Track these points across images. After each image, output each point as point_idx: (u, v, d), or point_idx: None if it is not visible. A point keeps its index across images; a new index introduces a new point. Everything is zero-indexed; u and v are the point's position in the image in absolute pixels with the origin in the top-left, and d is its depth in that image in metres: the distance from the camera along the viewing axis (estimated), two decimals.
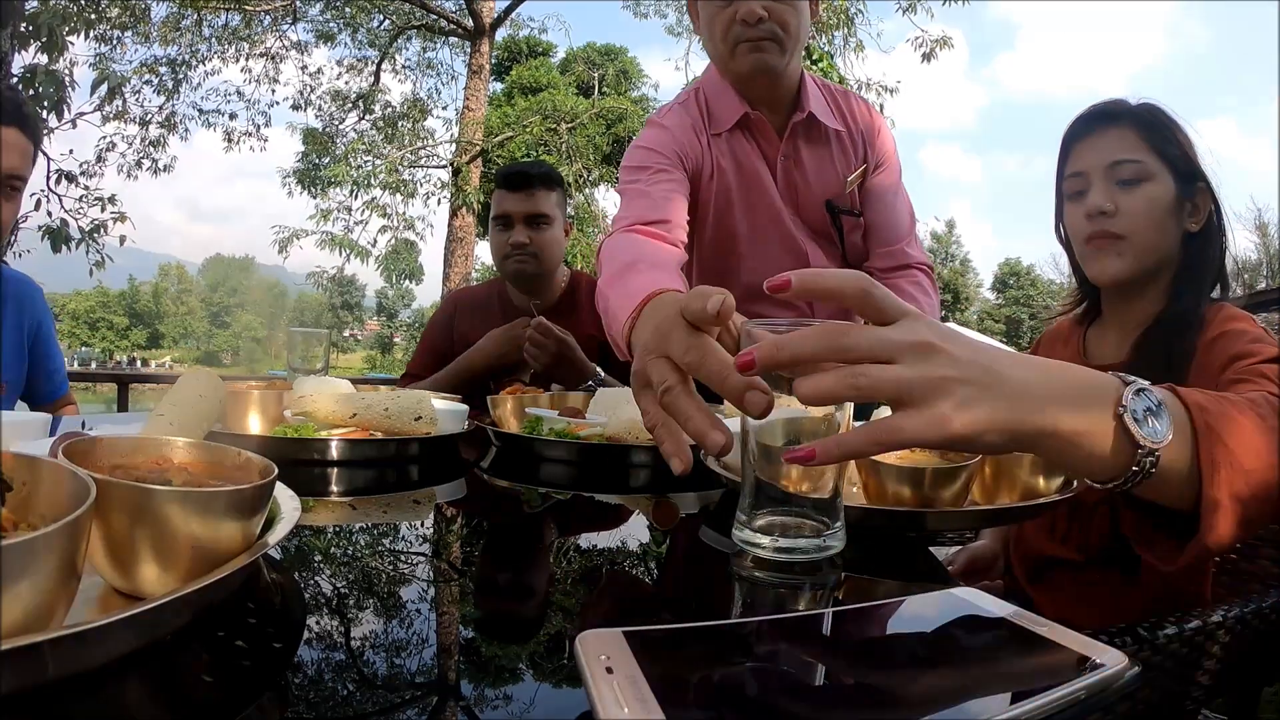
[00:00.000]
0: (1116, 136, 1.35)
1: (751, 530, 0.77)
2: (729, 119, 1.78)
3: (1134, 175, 1.33)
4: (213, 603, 0.59)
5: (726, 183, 1.80)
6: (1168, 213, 1.33)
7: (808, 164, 1.80)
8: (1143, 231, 1.33)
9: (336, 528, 0.94)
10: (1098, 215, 1.35)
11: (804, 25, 1.68)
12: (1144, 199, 1.33)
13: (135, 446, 0.67)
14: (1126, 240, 1.34)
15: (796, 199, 1.83)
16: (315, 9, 14.55)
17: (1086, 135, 1.39)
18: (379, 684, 0.54)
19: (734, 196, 1.81)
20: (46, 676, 0.46)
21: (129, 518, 0.54)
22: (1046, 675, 0.50)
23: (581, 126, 14.49)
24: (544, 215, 2.45)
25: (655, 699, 0.43)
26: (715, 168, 1.79)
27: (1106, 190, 1.34)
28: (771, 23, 1.62)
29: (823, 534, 0.77)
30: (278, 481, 0.66)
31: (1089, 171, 1.37)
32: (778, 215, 1.82)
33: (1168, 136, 1.34)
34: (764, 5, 1.60)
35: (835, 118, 1.80)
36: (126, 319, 66.69)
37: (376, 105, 15.41)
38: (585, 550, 0.88)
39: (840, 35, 12.46)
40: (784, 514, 0.77)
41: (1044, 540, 1.37)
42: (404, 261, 14.32)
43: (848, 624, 0.59)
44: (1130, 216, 1.33)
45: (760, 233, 1.83)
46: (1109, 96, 1.43)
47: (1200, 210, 1.35)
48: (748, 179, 1.81)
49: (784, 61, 1.67)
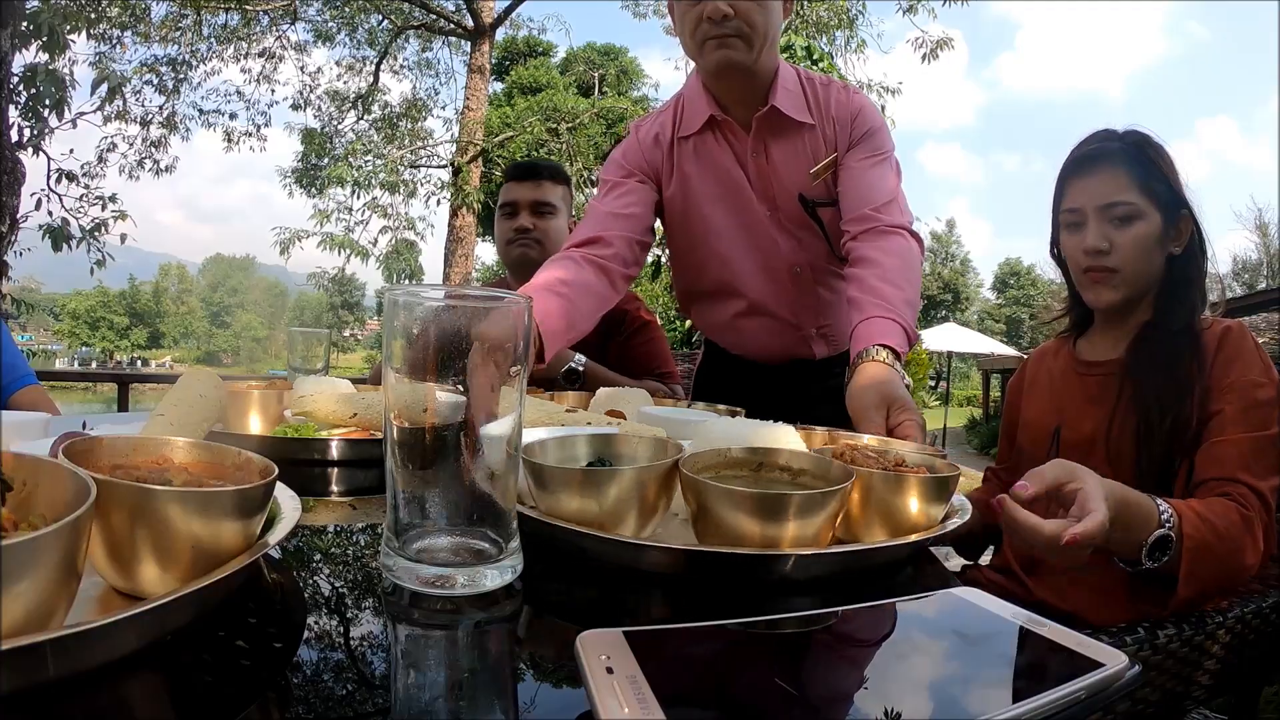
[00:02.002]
0: (1109, 177, 1.48)
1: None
2: (697, 122, 1.83)
3: (1126, 215, 1.47)
4: (213, 603, 0.59)
5: (690, 185, 1.86)
6: (1155, 244, 1.48)
7: (776, 158, 1.82)
8: (1134, 264, 1.48)
9: (337, 527, 0.94)
10: (1095, 253, 1.48)
11: (773, 22, 1.70)
12: (1135, 237, 1.47)
13: (135, 446, 0.67)
14: (1120, 273, 1.48)
15: (772, 193, 1.84)
16: (314, 9, 14.58)
17: (1081, 174, 1.52)
18: (378, 684, 0.54)
19: (699, 197, 1.86)
20: (47, 676, 0.46)
21: (129, 518, 0.54)
22: (1046, 675, 0.50)
23: (582, 126, 14.49)
24: (549, 204, 2.51)
25: (655, 699, 0.43)
26: (677, 172, 1.86)
27: (1101, 230, 1.48)
28: (738, 20, 1.65)
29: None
30: (278, 481, 0.66)
31: (1084, 209, 1.50)
32: (751, 211, 1.85)
33: (1154, 173, 1.47)
34: (730, 3, 1.63)
35: (807, 111, 1.80)
36: (127, 318, 66.68)
37: (375, 105, 15.42)
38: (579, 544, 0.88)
39: (841, 36, 12.45)
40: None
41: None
42: (404, 261, 14.31)
43: (848, 624, 0.59)
44: (1123, 252, 1.47)
45: (730, 229, 1.87)
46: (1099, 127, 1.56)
47: (1183, 234, 1.49)
48: (719, 178, 1.85)
49: (751, 57, 1.69)
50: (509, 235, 2.50)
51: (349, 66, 15.50)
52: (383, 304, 0.67)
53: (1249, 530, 1.21)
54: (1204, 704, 1.26)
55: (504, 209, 2.55)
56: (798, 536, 0.74)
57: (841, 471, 0.82)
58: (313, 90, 15.44)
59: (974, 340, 19.55)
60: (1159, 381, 1.40)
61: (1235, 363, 1.37)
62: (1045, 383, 1.66)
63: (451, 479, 0.66)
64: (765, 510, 0.73)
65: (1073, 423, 1.53)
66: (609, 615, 0.72)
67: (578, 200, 13.83)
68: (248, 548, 0.60)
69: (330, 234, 13.67)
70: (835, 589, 0.77)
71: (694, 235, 1.92)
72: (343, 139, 15.25)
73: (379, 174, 13.84)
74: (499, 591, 0.67)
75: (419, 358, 0.64)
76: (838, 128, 1.79)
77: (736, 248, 1.90)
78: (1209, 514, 1.18)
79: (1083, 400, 1.54)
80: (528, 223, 2.47)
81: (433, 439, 0.65)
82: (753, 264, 1.91)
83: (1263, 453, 1.30)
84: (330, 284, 15.20)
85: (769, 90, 1.77)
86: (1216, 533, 1.17)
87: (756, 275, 1.92)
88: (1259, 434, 1.31)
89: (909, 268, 1.65)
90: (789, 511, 0.73)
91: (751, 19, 1.65)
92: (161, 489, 0.55)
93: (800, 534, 0.74)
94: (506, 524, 0.68)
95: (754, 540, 0.73)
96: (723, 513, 0.74)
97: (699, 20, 1.67)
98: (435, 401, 0.63)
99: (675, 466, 0.80)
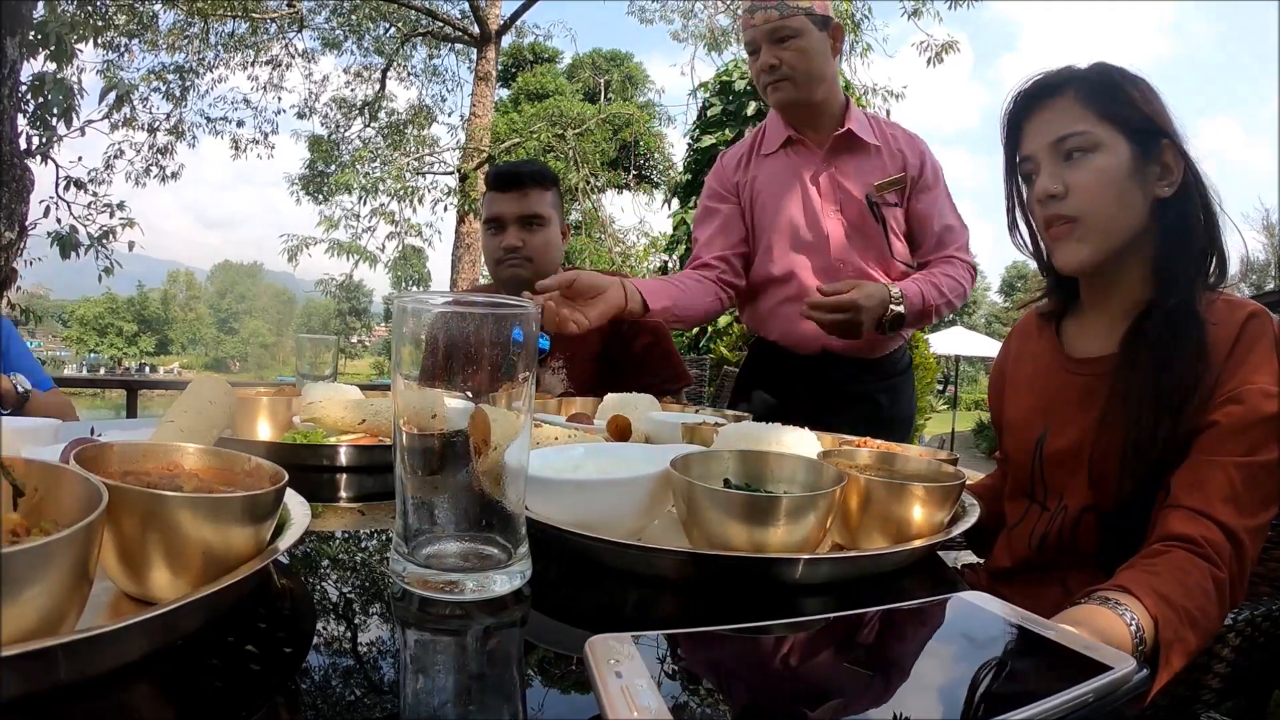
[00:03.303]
0: (1060, 109, 1.23)
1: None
2: (775, 143, 2.20)
3: (1079, 147, 1.20)
4: (223, 607, 0.59)
5: (764, 190, 2.21)
6: (1126, 181, 1.19)
7: (847, 170, 2.14)
8: (1098, 208, 1.20)
9: (345, 533, 0.95)
10: (1047, 199, 1.23)
11: (816, 63, 2.05)
12: (1092, 171, 1.20)
13: (146, 452, 0.67)
14: (1082, 221, 1.21)
15: (838, 198, 2.15)
16: (321, 17, 14.62)
17: (1029, 113, 1.27)
18: (387, 688, 0.54)
19: (769, 197, 2.20)
20: (59, 680, 0.47)
21: (141, 523, 0.54)
22: (1054, 678, 0.50)
23: (588, 132, 14.52)
24: (538, 216, 2.34)
25: (664, 703, 0.43)
26: (753, 183, 2.22)
27: (1054, 170, 1.22)
28: (785, 67, 2.02)
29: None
30: (288, 487, 0.66)
31: (1035, 154, 1.25)
32: (818, 210, 2.15)
33: (1115, 96, 1.20)
34: (775, 55, 2.02)
35: (875, 137, 2.15)
36: (135, 325, 66.88)
37: (382, 112, 15.46)
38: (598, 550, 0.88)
39: (847, 40, 12.44)
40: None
41: (1022, 546, 1.32)
42: (412, 267, 14.36)
43: (855, 628, 0.59)
44: (1081, 193, 1.20)
45: (791, 224, 2.18)
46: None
47: (1172, 170, 1.20)
48: (789, 183, 2.18)
49: (802, 95, 2.07)
50: (498, 254, 2.35)
51: (356, 74, 15.55)
52: (391, 310, 0.67)
53: (1221, 597, 1.03)
54: (1213, 707, 1.25)
55: (489, 224, 2.39)
56: (785, 540, 0.75)
57: (834, 475, 0.84)
58: (319, 97, 15.51)
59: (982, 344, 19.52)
60: (1149, 389, 1.16)
61: (1245, 363, 1.12)
62: (1028, 374, 1.42)
63: (460, 485, 0.66)
64: (754, 514, 0.74)
65: (1058, 428, 1.30)
66: (617, 620, 0.73)
67: (585, 206, 13.85)
68: (258, 553, 0.60)
69: (338, 240, 13.72)
70: (843, 594, 0.77)
71: (761, 230, 2.22)
72: (350, 146, 15.31)
73: (386, 180, 13.88)
74: (508, 596, 0.67)
75: (427, 364, 0.64)
76: (908, 159, 2.13)
77: (800, 243, 2.17)
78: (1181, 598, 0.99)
79: (1069, 402, 1.30)
80: (516, 240, 2.31)
81: (441, 445, 0.65)
82: (811, 258, 2.17)
83: (1255, 483, 1.08)
84: (338, 290, 15.29)
85: (843, 117, 2.14)
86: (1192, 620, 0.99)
87: (811, 269, 2.16)
88: (1254, 459, 1.08)
89: (959, 284, 2.08)
90: (778, 515, 0.74)
91: (794, 65, 2.02)
92: (173, 495, 0.55)
93: (789, 538, 0.75)
94: (515, 529, 0.68)
95: (742, 543, 0.75)
96: (710, 515, 0.76)
97: (759, 71, 2.08)
98: (444, 408, 0.64)
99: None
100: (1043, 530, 1.28)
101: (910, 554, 0.83)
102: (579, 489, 0.82)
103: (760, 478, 0.89)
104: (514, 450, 0.66)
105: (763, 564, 0.74)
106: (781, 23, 2.01)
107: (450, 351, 0.63)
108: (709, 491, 0.77)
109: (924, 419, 8.82)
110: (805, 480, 0.87)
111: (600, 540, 0.75)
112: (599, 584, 0.78)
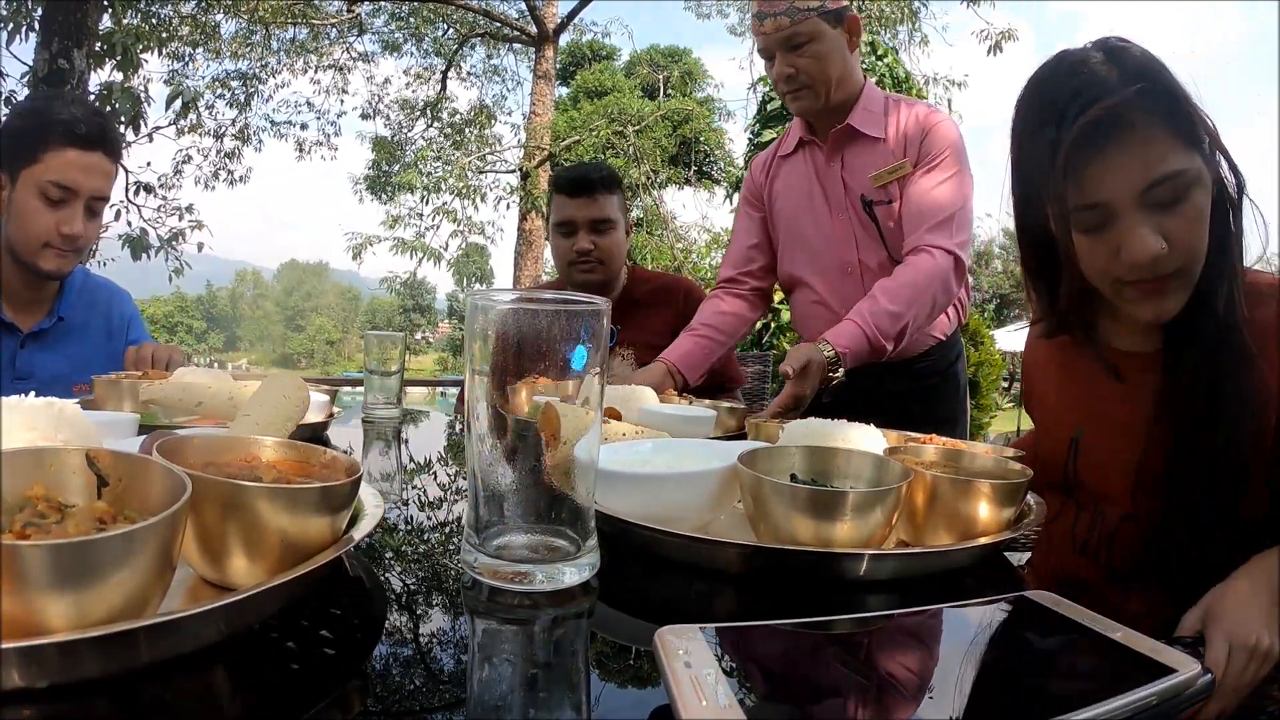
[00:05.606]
0: (1142, 146, 0.95)
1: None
2: (792, 144, 2.19)
3: (1176, 193, 0.96)
4: (299, 594, 0.60)
5: (781, 194, 2.21)
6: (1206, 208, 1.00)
7: (848, 167, 2.08)
8: (1198, 255, 1.00)
9: (410, 524, 0.96)
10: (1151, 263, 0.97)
11: (832, 67, 1.98)
12: (1192, 218, 0.97)
13: (225, 445, 0.70)
14: (1185, 272, 1.00)
15: (840, 197, 2.09)
16: (380, 20, 14.82)
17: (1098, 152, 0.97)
18: (455, 676, 0.55)
19: (785, 202, 2.20)
20: (140, 661, 0.49)
21: (221, 512, 0.56)
22: (1119, 680, 0.49)
23: (648, 129, 14.51)
24: (608, 220, 2.42)
25: (733, 694, 0.43)
26: (770, 190, 2.24)
27: (1146, 223, 0.96)
28: (801, 75, 1.97)
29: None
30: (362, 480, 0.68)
31: (1112, 202, 0.98)
32: (822, 213, 2.12)
33: (1183, 109, 0.97)
34: (790, 65, 1.97)
35: (881, 128, 2.04)
36: (204, 323, 68.81)
37: (444, 112, 15.62)
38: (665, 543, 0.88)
39: (905, 30, 12.25)
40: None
41: (1066, 552, 1.24)
42: (475, 265, 14.48)
43: (921, 626, 0.58)
44: (1182, 245, 0.98)
45: (804, 229, 2.17)
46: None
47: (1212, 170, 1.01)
48: (800, 186, 2.17)
49: (819, 103, 2.02)
50: (570, 257, 2.42)
51: (417, 75, 15.73)
52: (455, 307, 0.69)
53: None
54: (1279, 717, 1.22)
55: (560, 227, 2.45)
56: (851, 536, 0.75)
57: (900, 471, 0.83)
58: (381, 99, 15.73)
59: None
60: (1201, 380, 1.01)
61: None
62: (1057, 368, 1.28)
63: (531, 478, 0.67)
64: (820, 508, 0.74)
65: (1096, 429, 1.17)
66: (682, 613, 0.73)
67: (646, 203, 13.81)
68: (333, 542, 0.62)
69: (401, 239, 13.91)
70: (907, 591, 0.76)
71: (779, 234, 2.24)
72: (413, 146, 15.49)
73: (448, 179, 14.03)
74: (576, 588, 0.67)
75: (498, 359, 0.65)
76: (908, 142, 2.00)
77: (808, 246, 2.16)
78: None
79: (1110, 397, 1.15)
80: (587, 244, 2.39)
81: (513, 438, 0.66)
82: (818, 260, 2.15)
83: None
84: (402, 288, 15.47)
85: (849, 111, 2.05)
86: None
87: (819, 271, 2.15)
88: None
89: (913, 284, 1.83)
90: (844, 510, 0.74)
91: (811, 72, 1.97)
92: (253, 485, 0.57)
93: (854, 534, 0.75)
94: (585, 522, 0.69)
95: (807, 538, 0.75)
96: (777, 510, 0.76)
97: (776, 80, 2.03)
98: (515, 401, 0.65)
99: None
100: (1083, 536, 1.22)
101: (976, 551, 0.81)
102: (648, 483, 0.83)
103: (826, 473, 0.89)
104: (584, 445, 0.67)
105: (828, 559, 0.74)
106: (793, 30, 1.93)
107: (522, 347, 0.64)
108: (776, 486, 0.77)
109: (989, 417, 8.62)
110: (871, 476, 0.87)
111: (668, 533, 0.76)
112: (665, 577, 0.78)
